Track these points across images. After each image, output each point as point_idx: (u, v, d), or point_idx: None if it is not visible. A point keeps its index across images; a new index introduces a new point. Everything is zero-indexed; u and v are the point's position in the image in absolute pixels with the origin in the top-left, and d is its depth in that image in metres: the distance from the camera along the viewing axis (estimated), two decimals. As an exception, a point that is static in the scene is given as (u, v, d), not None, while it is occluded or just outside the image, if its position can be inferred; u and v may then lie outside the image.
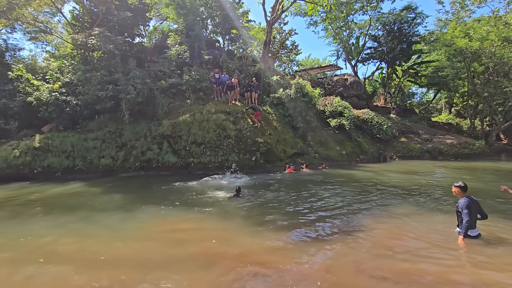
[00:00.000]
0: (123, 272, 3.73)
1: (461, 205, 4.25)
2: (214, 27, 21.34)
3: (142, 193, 8.85)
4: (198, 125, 12.99)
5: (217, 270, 3.68)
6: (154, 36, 23.22)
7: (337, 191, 8.39)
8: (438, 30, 26.49)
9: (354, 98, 21.84)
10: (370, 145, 17.59)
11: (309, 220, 5.73)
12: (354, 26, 29.09)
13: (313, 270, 3.67)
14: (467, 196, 4.33)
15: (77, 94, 13.92)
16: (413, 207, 6.63)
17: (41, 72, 16.00)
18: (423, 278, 3.39)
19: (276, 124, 14.82)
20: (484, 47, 19.41)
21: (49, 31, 17.70)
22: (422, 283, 3.29)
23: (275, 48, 26.48)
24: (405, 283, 3.30)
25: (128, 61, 14.28)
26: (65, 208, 7.07)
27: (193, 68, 15.68)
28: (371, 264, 3.77)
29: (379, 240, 4.64)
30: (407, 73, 27.72)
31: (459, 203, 4.30)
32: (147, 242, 4.79)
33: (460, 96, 27.96)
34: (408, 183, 9.64)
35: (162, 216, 6.32)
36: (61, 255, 4.34)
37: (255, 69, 17.42)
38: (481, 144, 18.76)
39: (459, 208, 4.30)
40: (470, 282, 3.31)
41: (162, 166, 12.65)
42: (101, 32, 13.54)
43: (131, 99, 12.93)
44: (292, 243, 4.59)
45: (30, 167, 11.84)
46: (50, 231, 5.45)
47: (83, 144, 12.70)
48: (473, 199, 4.32)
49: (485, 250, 4.12)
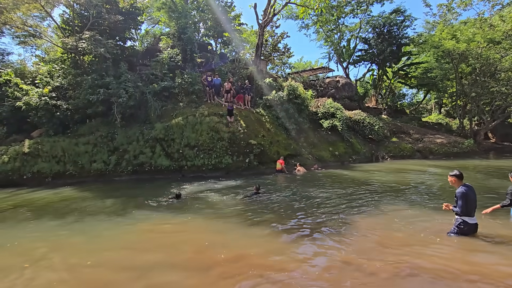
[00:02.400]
0: (114, 277, 3.69)
1: (458, 195, 4.27)
2: (206, 31, 21.42)
3: (134, 197, 8.76)
4: (191, 128, 12.96)
5: (213, 274, 3.67)
6: (146, 40, 23.15)
7: (330, 191, 8.46)
8: (426, 32, 27.07)
9: (346, 99, 22.10)
10: (362, 145, 17.79)
11: (303, 221, 5.76)
12: (345, 29, 29.52)
13: (311, 270, 3.70)
14: (463, 184, 4.32)
15: (67, 98, 13.77)
16: (406, 205, 6.73)
17: (30, 76, 15.75)
18: (421, 272, 3.45)
19: (269, 126, 14.90)
20: (471, 49, 19.90)
21: (39, 35, 17.48)
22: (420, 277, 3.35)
23: (267, 51, 26.66)
24: (399, 278, 3.35)
25: (120, 65, 14.20)
26: (55, 214, 6.95)
27: (185, 71, 15.68)
28: (366, 261, 3.82)
29: (373, 238, 4.70)
30: (397, 74, 28.19)
31: (456, 192, 4.31)
32: (140, 246, 4.74)
33: (449, 97, 28.54)
34: (400, 182, 9.79)
35: (154, 220, 6.27)
36: (47, 261, 4.26)
37: (247, 71, 17.51)
38: (470, 143, 19.15)
39: (456, 198, 4.33)
40: (461, 275, 3.38)
41: (155, 170, 12.56)
42: (92, 36, 13.45)
43: (123, 102, 12.84)
44: (287, 244, 4.61)
45: (19, 173, 11.61)
46: (37, 237, 5.36)
47: (74, 149, 12.53)
48: (470, 186, 4.32)
49: (475, 242, 4.21)
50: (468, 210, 4.25)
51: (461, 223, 4.33)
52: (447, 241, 4.34)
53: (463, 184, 4.33)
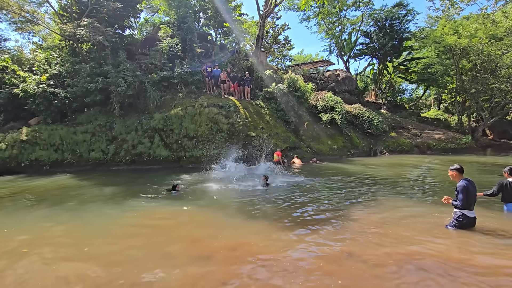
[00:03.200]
0: (114, 264, 3.71)
1: (458, 188, 4.31)
2: (207, 20, 21.12)
3: (133, 186, 8.78)
4: (190, 119, 12.92)
5: (213, 263, 3.70)
6: (145, 28, 22.83)
7: (329, 185, 8.52)
8: (428, 27, 26.83)
9: (346, 93, 22.03)
10: (361, 139, 17.84)
11: (300, 212, 5.82)
12: (346, 21, 29.21)
13: (308, 259, 3.75)
14: (464, 179, 4.36)
15: (65, 86, 13.64)
16: (404, 198, 6.79)
17: (27, 63, 15.55)
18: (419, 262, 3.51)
19: (269, 119, 14.87)
20: (472, 45, 19.79)
21: (36, 21, 17.16)
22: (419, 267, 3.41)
23: (268, 42, 26.38)
24: (399, 269, 3.41)
25: (118, 53, 14.04)
26: (52, 201, 6.97)
27: (185, 61, 15.52)
28: (362, 252, 3.87)
29: (371, 230, 4.75)
30: (397, 69, 28.08)
31: (457, 186, 4.35)
32: (138, 235, 4.74)
33: (449, 93, 28.51)
34: (398, 176, 9.85)
35: (152, 209, 6.30)
36: (45, 246, 4.28)
37: (247, 63, 17.37)
38: (467, 139, 19.24)
39: (456, 191, 4.37)
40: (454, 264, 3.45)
41: (154, 160, 12.56)
42: (90, 23, 13.23)
43: (122, 91, 12.74)
44: (285, 235, 4.66)
45: (17, 161, 11.59)
46: (35, 223, 5.39)
47: (72, 137, 12.49)
48: (470, 180, 4.36)
49: (471, 235, 4.28)
50: (468, 204, 4.30)
51: (460, 216, 4.39)
52: (446, 234, 4.40)
53: (463, 178, 4.37)
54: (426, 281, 3.10)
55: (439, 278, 3.14)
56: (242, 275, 3.31)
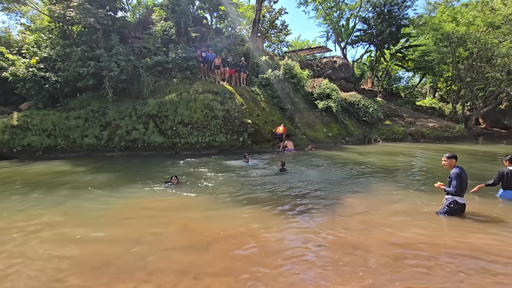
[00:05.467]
0: (107, 251, 3.75)
1: (452, 176, 4.47)
2: (202, 3, 20.46)
3: (127, 172, 8.78)
4: (185, 105, 12.79)
5: (212, 251, 3.77)
6: (138, 11, 22.06)
7: (323, 172, 8.62)
8: (427, 13, 26.46)
9: (342, 80, 21.92)
10: (356, 127, 17.92)
11: (295, 198, 5.91)
12: (345, 7, 28.65)
13: (300, 244, 3.85)
14: (456, 166, 4.53)
15: (56, 70, 13.30)
16: (396, 186, 6.92)
17: (16, 46, 15.04)
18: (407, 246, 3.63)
19: (264, 105, 14.80)
20: (470, 32, 19.65)
21: (23, 2, 16.45)
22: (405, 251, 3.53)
23: (264, 27, 25.80)
24: (391, 255, 3.53)
25: (111, 37, 13.65)
26: (45, 187, 6.96)
27: (179, 45, 15.17)
28: (357, 240, 3.98)
29: (364, 217, 4.87)
30: (394, 56, 27.88)
31: (451, 173, 4.51)
32: (131, 222, 4.77)
33: (444, 81, 28.56)
34: (391, 163, 10.00)
35: (146, 195, 6.34)
36: (37, 232, 4.30)
37: (243, 48, 17.06)
38: (460, 128, 19.47)
39: (450, 178, 4.52)
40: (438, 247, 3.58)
41: (148, 146, 12.51)
42: (80, 4, 12.75)
43: (115, 76, 12.49)
44: (278, 220, 4.76)
45: (9, 146, 11.45)
46: (27, 209, 5.41)
47: (65, 123, 12.31)
48: (463, 168, 4.53)
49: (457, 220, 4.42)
50: (460, 190, 4.46)
51: (452, 202, 4.53)
52: (437, 220, 4.54)
53: (456, 166, 4.53)
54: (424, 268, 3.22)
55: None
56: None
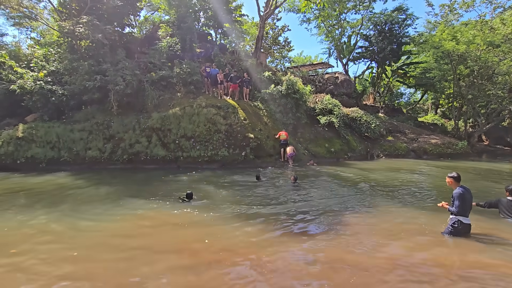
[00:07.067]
0: (101, 268, 3.70)
1: (455, 195, 4.41)
2: (207, 20, 21.10)
3: (129, 186, 8.76)
4: (188, 119, 12.90)
5: (213, 271, 3.72)
6: (144, 27, 22.72)
7: (325, 188, 8.55)
8: (427, 32, 27.00)
9: (344, 96, 22.10)
10: (358, 143, 17.91)
11: (293, 215, 5.84)
12: (346, 24, 29.32)
13: (298, 263, 3.78)
14: (460, 186, 4.46)
15: (63, 83, 13.56)
16: (399, 204, 6.84)
17: (25, 59, 15.45)
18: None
19: (267, 120, 14.90)
20: (470, 51, 19.96)
21: (34, 17, 17.06)
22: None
23: (267, 43, 26.38)
24: (394, 276, 3.45)
25: (117, 52, 13.98)
26: (47, 200, 6.94)
27: (184, 61, 15.49)
28: (358, 259, 3.91)
29: (366, 236, 4.79)
30: (396, 73, 28.23)
31: (454, 193, 4.44)
32: (131, 239, 4.71)
33: (446, 98, 28.71)
34: (394, 181, 9.92)
35: (148, 210, 6.29)
36: (35, 249, 4.24)
37: (247, 64, 17.37)
38: (463, 145, 19.40)
39: (453, 198, 4.45)
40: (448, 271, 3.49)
41: (151, 159, 12.52)
42: (89, 21, 13.15)
43: (120, 90, 12.69)
44: (275, 238, 4.69)
45: (12, 158, 11.50)
46: (27, 223, 5.36)
47: (69, 135, 12.41)
48: (467, 188, 4.46)
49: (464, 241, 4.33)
50: (464, 210, 4.40)
51: (456, 222, 4.47)
52: (441, 241, 4.46)
53: (460, 186, 4.48)
54: None
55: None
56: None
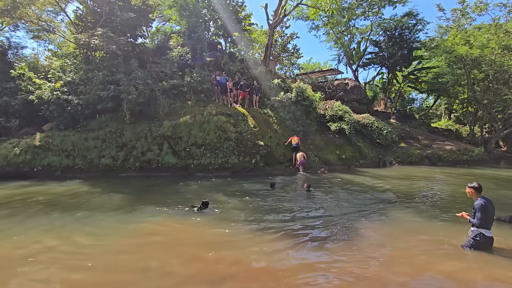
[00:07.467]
0: (115, 282, 3.71)
1: (476, 207, 4.21)
2: (216, 30, 21.47)
3: (141, 194, 8.85)
4: (198, 127, 13.02)
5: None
6: (156, 37, 23.33)
7: (337, 196, 8.41)
8: (438, 36, 26.67)
9: (355, 102, 21.92)
10: (370, 150, 17.62)
11: (306, 226, 5.75)
12: (355, 31, 29.27)
13: (315, 278, 3.69)
14: (482, 197, 4.25)
15: (78, 93, 13.96)
16: (414, 213, 6.63)
17: (43, 70, 16.04)
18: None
19: (277, 127, 14.88)
20: (484, 55, 19.53)
21: (52, 30, 17.76)
22: None
23: (276, 51, 26.59)
24: None
25: (130, 62, 14.34)
26: (63, 208, 7.06)
27: (194, 69, 15.75)
28: (377, 273, 3.79)
29: (381, 248, 4.65)
30: (407, 78, 27.85)
31: (475, 205, 4.24)
32: (144, 248, 4.71)
33: (460, 103, 28.05)
34: (408, 189, 9.66)
35: (160, 218, 6.32)
36: (52, 257, 4.30)
37: (256, 72, 17.51)
38: (480, 151, 18.80)
39: (474, 210, 4.26)
40: None
41: (162, 167, 12.65)
42: (104, 33, 13.59)
43: (133, 99, 12.96)
44: (289, 250, 4.61)
45: (30, 166, 11.83)
46: (44, 231, 5.44)
47: (84, 144, 12.70)
48: (489, 199, 4.25)
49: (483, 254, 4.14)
50: (486, 223, 4.19)
51: (478, 235, 4.25)
52: (462, 254, 4.27)
53: (481, 197, 4.26)
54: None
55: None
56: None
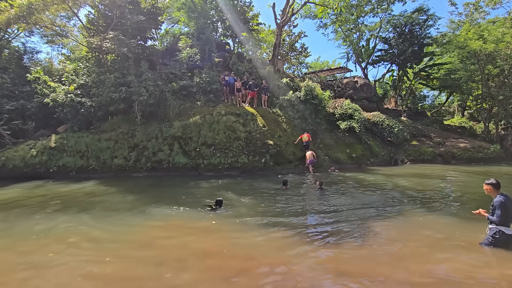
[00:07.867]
0: (132, 277, 3.79)
1: (496, 204, 4.10)
2: (224, 30, 21.59)
3: (153, 193, 8.98)
4: (208, 127, 13.13)
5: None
6: (165, 39, 23.61)
7: (349, 195, 8.34)
8: (450, 32, 26.02)
9: (365, 100, 21.65)
10: (381, 148, 17.38)
11: (320, 223, 5.72)
12: (364, 28, 28.90)
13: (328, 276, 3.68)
14: (501, 194, 4.14)
15: (91, 95, 14.29)
16: (429, 212, 6.51)
17: (57, 74, 16.49)
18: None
19: (286, 127, 14.85)
20: (499, 49, 18.98)
21: (65, 35, 18.21)
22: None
23: (284, 50, 26.56)
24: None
25: (141, 64, 14.58)
26: (79, 207, 7.25)
27: (203, 70, 15.89)
28: (392, 272, 3.75)
29: (396, 248, 4.60)
30: (418, 75, 27.30)
31: (494, 202, 4.14)
32: (159, 245, 4.81)
33: (474, 99, 27.32)
34: (422, 187, 9.49)
35: (172, 217, 6.41)
36: (70, 253, 4.45)
37: (265, 71, 17.52)
38: (496, 148, 18.26)
39: (493, 207, 4.15)
40: None
41: (173, 167, 12.82)
42: (115, 36, 13.87)
43: (143, 101, 13.18)
44: (304, 246, 4.61)
45: (46, 166, 12.19)
46: (63, 229, 5.62)
47: (97, 145, 13.00)
48: (508, 196, 4.13)
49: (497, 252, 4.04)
50: (506, 220, 4.07)
51: (497, 233, 4.13)
52: (480, 252, 4.17)
53: (500, 193, 4.15)
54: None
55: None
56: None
